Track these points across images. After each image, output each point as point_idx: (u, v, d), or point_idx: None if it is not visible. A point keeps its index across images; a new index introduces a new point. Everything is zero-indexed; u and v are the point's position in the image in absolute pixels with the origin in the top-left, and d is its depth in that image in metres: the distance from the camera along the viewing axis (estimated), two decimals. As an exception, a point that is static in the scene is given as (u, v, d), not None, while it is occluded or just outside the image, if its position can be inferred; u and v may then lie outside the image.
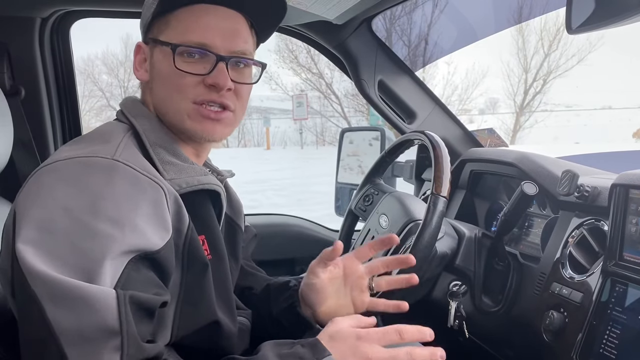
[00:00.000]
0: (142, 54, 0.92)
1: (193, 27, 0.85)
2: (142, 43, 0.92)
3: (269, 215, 2.20)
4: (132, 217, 0.71)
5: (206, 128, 0.87)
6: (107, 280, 0.66)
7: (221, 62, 0.86)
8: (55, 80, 1.66)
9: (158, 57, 0.88)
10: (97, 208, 0.69)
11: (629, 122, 17.28)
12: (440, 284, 1.26)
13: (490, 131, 2.00)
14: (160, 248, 0.73)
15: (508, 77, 16.12)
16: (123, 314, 0.64)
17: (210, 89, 0.86)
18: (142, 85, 0.94)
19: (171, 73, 0.85)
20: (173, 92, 0.86)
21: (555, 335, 1.07)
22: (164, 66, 0.87)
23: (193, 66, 0.85)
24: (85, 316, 0.63)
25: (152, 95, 0.90)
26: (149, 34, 0.90)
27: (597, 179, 1.16)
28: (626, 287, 0.96)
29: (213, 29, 0.86)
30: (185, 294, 0.82)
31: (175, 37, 0.86)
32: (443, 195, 1.10)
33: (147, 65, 0.91)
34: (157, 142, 0.85)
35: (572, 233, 1.14)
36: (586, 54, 15.07)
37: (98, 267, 0.66)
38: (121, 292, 0.65)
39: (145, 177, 0.76)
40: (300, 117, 18.20)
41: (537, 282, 1.18)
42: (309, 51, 14.88)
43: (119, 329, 0.64)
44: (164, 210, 0.75)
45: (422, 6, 9.47)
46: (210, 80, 0.85)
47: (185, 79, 0.85)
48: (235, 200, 1.07)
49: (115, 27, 25.23)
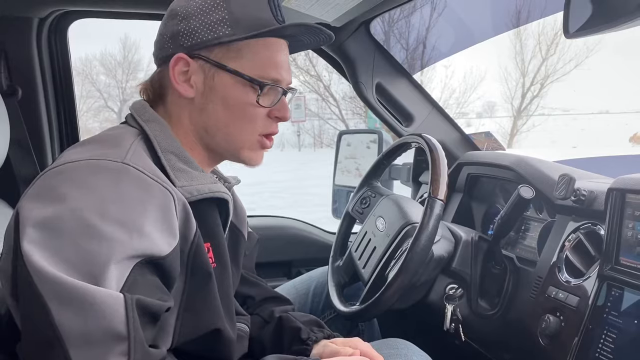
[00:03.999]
0: (183, 67, 0.87)
1: (269, 64, 0.88)
2: (186, 56, 0.86)
3: (266, 217, 2.20)
4: (140, 221, 0.70)
5: (258, 157, 0.94)
6: (112, 284, 0.65)
7: (284, 95, 0.91)
8: (52, 81, 1.65)
9: (226, 83, 0.87)
10: (104, 210, 0.69)
11: (626, 126, 17.33)
12: (436, 287, 1.27)
13: (487, 134, 2.01)
14: (167, 254, 0.72)
15: (506, 80, 16.12)
16: (131, 318, 0.64)
17: (273, 120, 0.91)
18: (170, 97, 0.90)
19: (246, 104, 0.88)
20: (243, 122, 0.89)
21: (551, 339, 1.07)
22: (237, 96, 0.87)
23: (264, 100, 0.89)
24: (92, 319, 0.63)
25: (202, 114, 0.89)
26: (202, 51, 0.86)
27: (594, 183, 1.16)
28: (622, 291, 0.96)
29: (282, 65, 0.90)
30: (187, 301, 0.82)
31: (252, 71, 0.87)
32: (440, 199, 1.10)
33: (197, 82, 0.87)
34: (168, 149, 0.84)
35: (568, 237, 1.14)
36: (584, 59, 15.09)
37: (104, 269, 0.65)
38: (129, 296, 0.65)
39: (155, 182, 0.75)
40: (298, 119, 18.20)
41: (533, 285, 1.18)
42: (307, 54, 14.89)
43: (126, 334, 0.64)
44: (172, 216, 0.75)
45: (421, 10, 9.50)
46: (278, 113, 0.91)
47: (258, 111, 0.89)
48: (240, 208, 1.07)
49: (113, 27, 25.25)
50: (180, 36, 0.86)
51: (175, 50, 0.87)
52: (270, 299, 1.17)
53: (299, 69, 15.10)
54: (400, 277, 1.08)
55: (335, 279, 1.38)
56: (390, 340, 1.08)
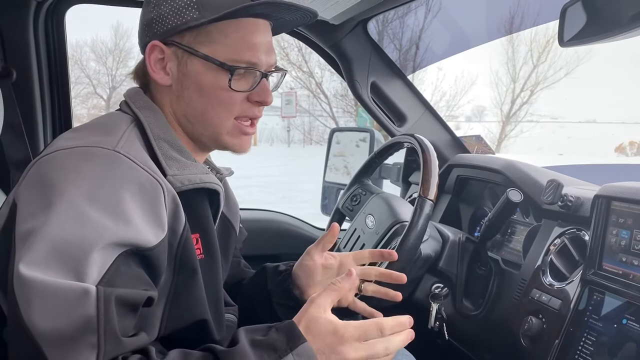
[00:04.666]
0: (158, 54, 0.86)
1: (243, 45, 0.84)
2: (161, 44, 0.85)
3: (255, 211, 2.20)
4: (127, 210, 0.70)
5: (243, 143, 0.90)
6: (94, 271, 0.65)
7: (264, 78, 0.87)
8: (47, 65, 1.64)
9: (198, 69, 0.84)
10: (92, 196, 0.69)
11: (612, 136, 17.53)
12: (422, 285, 1.28)
13: (477, 138, 2.03)
14: (154, 245, 0.72)
15: (496, 86, 16.24)
16: (101, 310, 0.64)
17: (254, 104, 0.88)
18: (152, 85, 0.90)
19: (219, 89, 0.84)
20: (218, 108, 0.86)
21: (532, 341, 1.09)
22: (209, 81, 0.84)
23: (240, 83, 0.85)
24: (62, 314, 0.63)
25: (179, 102, 0.87)
26: (174, 37, 0.84)
27: (581, 189, 1.19)
28: (603, 295, 0.99)
29: (259, 46, 0.86)
30: (175, 294, 0.81)
31: (224, 54, 0.83)
32: (430, 199, 1.11)
33: (172, 69, 0.86)
34: (162, 137, 0.84)
35: (553, 241, 1.16)
36: (574, 67, 15.24)
37: (87, 255, 0.65)
38: (101, 288, 0.65)
39: (145, 173, 0.75)
40: (288, 115, 18.17)
41: (517, 288, 1.20)
42: (300, 49, 14.86)
43: (95, 325, 0.63)
44: (160, 208, 0.74)
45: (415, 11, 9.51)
46: (257, 97, 0.87)
47: (233, 96, 0.85)
48: (232, 200, 1.07)
49: (106, 14, 25.00)
50: (154, 23, 0.85)
51: (151, 38, 0.85)
52: None
53: (292, 65, 15.07)
54: (388, 275, 1.10)
55: (323, 274, 1.39)
56: None
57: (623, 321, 0.93)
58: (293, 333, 0.72)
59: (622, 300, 0.95)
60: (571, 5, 0.84)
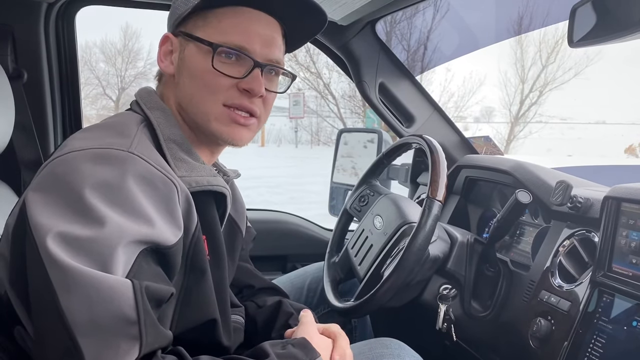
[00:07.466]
0: (168, 46, 0.90)
1: (235, 29, 0.85)
2: (171, 35, 0.90)
3: (263, 211, 2.21)
4: (146, 209, 0.71)
5: (233, 132, 0.88)
6: (119, 268, 0.66)
7: (257, 68, 0.86)
8: (58, 66, 1.66)
9: (191, 52, 0.87)
10: (111, 197, 0.69)
11: (622, 137, 17.40)
12: (430, 286, 1.28)
13: (486, 139, 2.02)
14: (173, 244, 0.73)
15: (505, 86, 16.19)
16: (140, 302, 0.65)
17: (242, 93, 0.87)
18: (163, 78, 0.93)
19: (205, 71, 0.85)
20: (204, 91, 0.86)
21: (541, 342, 1.09)
22: (198, 63, 0.86)
23: (229, 68, 0.85)
24: (100, 306, 0.63)
25: (177, 90, 0.89)
26: (181, 27, 0.89)
27: (590, 190, 1.18)
28: (613, 297, 0.98)
29: (254, 34, 0.86)
30: (185, 294, 0.82)
31: (214, 36, 0.85)
32: (438, 200, 1.11)
33: (175, 58, 0.89)
34: (171, 138, 0.85)
35: (562, 243, 1.16)
36: (583, 68, 15.15)
37: (111, 253, 0.66)
38: (136, 281, 0.65)
39: (160, 173, 0.76)
40: (296, 116, 18.19)
41: (526, 289, 1.20)
42: (308, 50, 14.87)
43: (136, 318, 0.64)
44: (175, 207, 0.75)
45: (423, 12, 9.50)
46: (245, 85, 0.86)
47: (220, 79, 0.85)
48: (240, 202, 1.07)
49: (115, 16, 25.14)
50: (171, 17, 0.91)
51: (168, 30, 0.91)
52: (268, 289, 1.19)
53: (300, 66, 15.09)
54: (395, 276, 1.10)
55: (330, 275, 1.39)
56: (383, 339, 1.08)
57: (633, 323, 0.93)
58: (307, 347, 0.83)
59: (632, 302, 0.94)
60: (581, 6, 0.83)
